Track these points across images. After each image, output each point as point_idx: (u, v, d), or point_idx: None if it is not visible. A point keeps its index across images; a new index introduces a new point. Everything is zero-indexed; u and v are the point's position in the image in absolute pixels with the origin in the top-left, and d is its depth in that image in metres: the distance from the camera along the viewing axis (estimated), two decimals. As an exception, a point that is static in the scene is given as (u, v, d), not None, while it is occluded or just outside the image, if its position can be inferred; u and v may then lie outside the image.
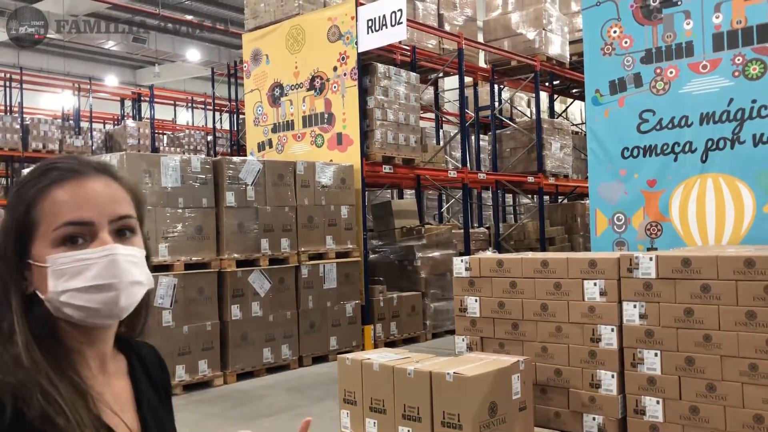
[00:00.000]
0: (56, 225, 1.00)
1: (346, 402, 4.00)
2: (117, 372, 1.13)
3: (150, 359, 1.22)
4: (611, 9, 5.73)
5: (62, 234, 1.00)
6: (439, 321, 8.98)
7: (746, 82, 5.10)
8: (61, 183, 1.03)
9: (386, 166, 8.55)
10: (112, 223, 1.04)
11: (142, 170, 6.21)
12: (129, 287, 1.03)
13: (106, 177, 1.07)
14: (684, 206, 5.38)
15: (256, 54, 9.62)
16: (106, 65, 25.67)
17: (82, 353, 1.05)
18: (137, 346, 1.20)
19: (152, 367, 1.21)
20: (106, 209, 1.03)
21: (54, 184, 1.02)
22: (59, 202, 1.01)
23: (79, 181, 1.03)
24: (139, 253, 1.07)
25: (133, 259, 1.04)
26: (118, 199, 1.06)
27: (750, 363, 3.58)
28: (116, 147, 16.80)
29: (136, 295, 1.05)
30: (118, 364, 1.14)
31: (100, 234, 1.02)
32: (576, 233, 12.10)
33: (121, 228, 1.05)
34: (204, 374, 6.46)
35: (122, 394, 1.11)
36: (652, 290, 3.89)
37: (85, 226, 1.01)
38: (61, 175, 1.03)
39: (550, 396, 4.26)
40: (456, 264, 4.69)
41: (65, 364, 1.00)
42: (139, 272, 1.05)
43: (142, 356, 1.20)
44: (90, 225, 1.02)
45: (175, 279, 6.26)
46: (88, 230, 1.02)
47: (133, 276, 1.03)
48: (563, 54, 11.37)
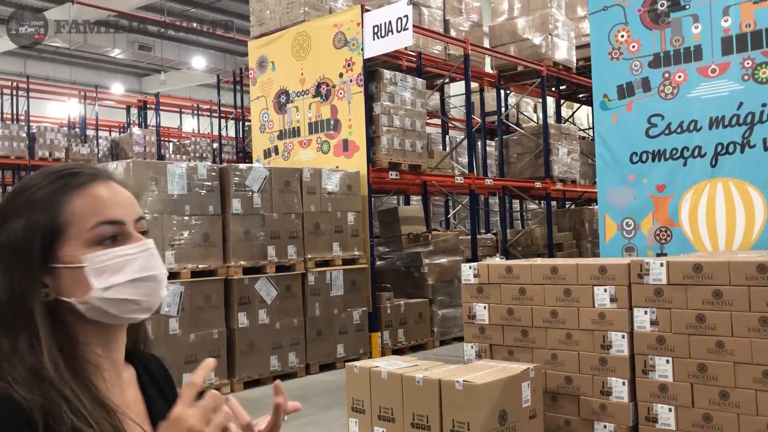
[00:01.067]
0: (91, 225, 1.02)
1: (355, 410, 3.96)
2: (129, 383, 1.13)
3: (157, 370, 1.22)
4: (618, 13, 5.70)
5: (99, 233, 1.03)
6: (446, 328, 8.93)
7: (756, 85, 5.05)
8: (85, 186, 1.05)
9: (392, 173, 8.52)
10: (136, 222, 1.08)
11: (149, 177, 6.20)
12: (164, 279, 1.09)
13: (113, 182, 1.10)
14: (694, 211, 5.33)
15: (261, 61, 9.63)
16: (112, 73, 25.77)
17: (99, 363, 1.04)
18: (143, 358, 1.20)
19: (160, 379, 1.21)
20: (132, 210, 1.08)
21: (79, 187, 1.05)
22: (89, 204, 1.03)
23: (100, 184, 1.07)
24: None
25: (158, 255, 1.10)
26: (133, 201, 1.10)
27: (764, 370, 3.52)
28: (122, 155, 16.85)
29: (166, 287, 1.11)
30: (129, 373, 1.14)
31: (132, 232, 1.06)
32: (584, 239, 12.05)
33: (141, 228, 1.09)
34: (211, 382, 6.43)
35: (135, 403, 1.11)
36: (663, 296, 3.85)
37: (119, 225, 1.05)
38: (81, 178, 1.06)
39: (561, 404, 4.21)
40: (464, 270, 4.66)
41: (83, 375, 1.00)
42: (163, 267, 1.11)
43: (149, 367, 1.20)
44: (122, 224, 1.05)
45: (182, 287, 6.24)
46: (121, 229, 1.05)
47: (164, 268, 1.10)
48: (570, 59, 11.34)
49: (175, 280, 6.20)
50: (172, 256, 6.25)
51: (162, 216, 6.23)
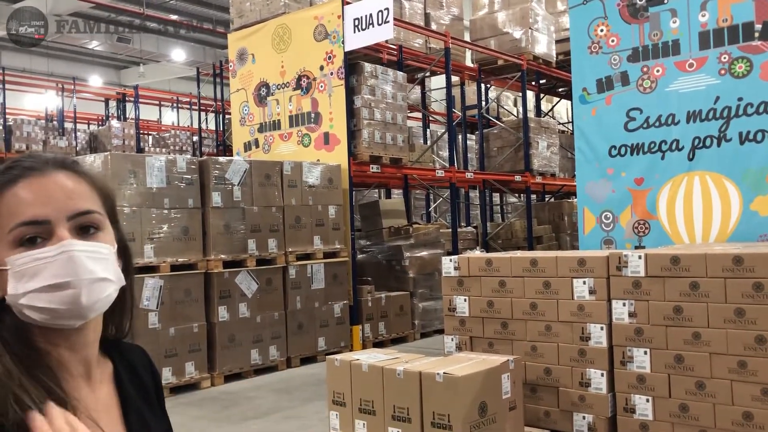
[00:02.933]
0: (11, 226, 0.97)
1: (335, 403, 3.96)
2: (103, 378, 1.09)
3: (139, 362, 1.19)
4: (598, 7, 5.73)
5: (18, 235, 0.97)
6: (427, 320, 8.96)
7: (732, 80, 5.11)
8: (17, 182, 0.99)
9: (374, 166, 8.52)
10: (71, 219, 0.99)
11: (127, 171, 6.14)
12: (90, 284, 0.98)
13: (65, 171, 1.03)
14: (671, 204, 5.39)
15: (241, 53, 9.56)
16: (90, 65, 25.46)
17: (62, 359, 1.01)
18: (126, 349, 1.17)
19: (142, 372, 1.18)
20: (64, 205, 0.99)
21: (10, 183, 0.99)
22: (13, 203, 0.98)
23: (35, 179, 1.00)
24: (105, 249, 1.01)
25: (96, 255, 0.99)
26: (78, 194, 1.02)
27: (739, 360, 3.58)
28: (101, 148, 16.66)
29: (101, 293, 0.99)
30: (104, 369, 1.10)
31: (57, 231, 0.98)
32: (563, 232, 12.13)
33: (84, 224, 1.01)
34: (191, 376, 6.40)
35: (107, 401, 1.08)
36: (641, 288, 3.89)
37: (41, 225, 0.98)
38: (17, 173, 1.00)
39: (540, 395, 4.25)
40: (445, 263, 4.67)
41: (41, 370, 0.96)
42: (102, 268, 0.99)
43: (130, 360, 1.17)
44: (46, 223, 0.98)
45: (161, 280, 6.19)
46: (44, 229, 0.98)
47: (94, 273, 0.98)
48: (549, 53, 11.39)
49: (154, 274, 6.16)
50: (152, 250, 6.20)
51: (141, 209, 6.17)
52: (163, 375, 6.14)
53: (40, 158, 1.04)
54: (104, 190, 1.08)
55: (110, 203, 1.09)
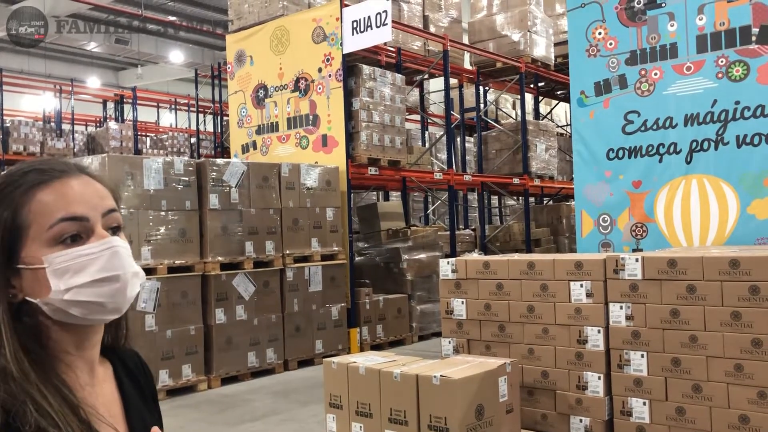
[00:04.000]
0: (51, 223, 0.99)
1: (332, 406, 3.96)
2: (105, 379, 1.11)
3: (135, 366, 1.20)
4: (596, 11, 5.74)
5: (58, 231, 0.99)
6: (425, 323, 8.96)
7: (729, 83, 5.12)
8: (49, 183, 1.01)
9: (372, 168, 8.52)
10: (104, 217, 1.04)
11: (125, 172, 6.13)
12: (132, 278, 1.03)
13: (86, 176, 1.07)
14: (669, 207, 5.39)
15: (240, 55, 9.56)
16: (88, 67, 25.43)
17: (70, 362, 1.03)
18: (121, 353, 1.18)
19: (138, 374, 1.19)
20: (98, 203, 1.04)
21: (42, 184, 1.01)
22: (50, 202, 1.00)
23: (66, 180, 1.03)
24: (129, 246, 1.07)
25: (130, 252, 1.05)
26: (104, 194, 1.06)
27: (735, 363, 3.58)
28: (98, 149, 16.64)
29: (135, 287, 1.05)
30: (105, 369, 1.12)
31: (97, 229, 1.02)
32: (561, 235, 12.13)
33: (112, 223, 1.05)
34: (188, 379, 6.39)
35: (111, 402, 1.10)
36: (639, 291, 3.89)
37: (81, 222, 1.01)
38: (46, 175, 1.02)
39: (537, 398, 4.24)
40: (442, 266, 4.67)
41: (53, 374, 0.98)
42: (135, 264, 1.06)
43: (127, 363, 1.18)
44: (85, 221, 1.01)
45: (158, 283, 6.18)
46: (83, 226, 1.01)
47: (133, 267, 1.04)
48: (548, 56, 11.40)
49: (151, 276, 6.15)
50: (149, 252, 6.19)
51: (138, 211, 6.17)
52: (160, 377, 6.13)
53: (59, 162, 1.07)
54: (116, 192, 1.12)
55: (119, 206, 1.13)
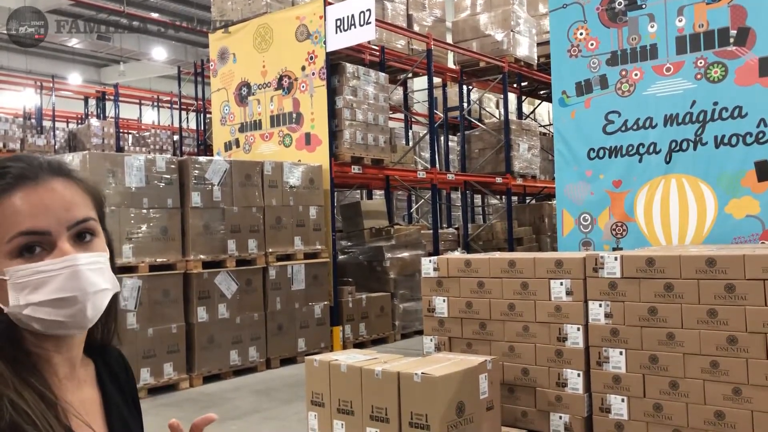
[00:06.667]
0: (10, 236, 0.95)
1: (314, 404, 3.97)
2: (86, 378, 1.10)
3: (117, 364, 1.19)
4: (578, 11, 5.78)
5: (17, 245, 0.95)
6: (408, 321, 8.98)
7: (708, 84, 5.19)
8: (12, 191, 0.97)
9: (355, 167, 8.52)
10: (70, 229, 0.99)
11: (106, 170, 6.10)
12: (94, 297, 0.99)
13: (60, 179, 1.01)
14: (649, 207, 5.45)
15: (223, 53, 9.52)
16: (70, 63, 25.18)
17: (50, 361, 1.02)
18: (104, 351, 1.17)
19: (119, 372, 1.19)
20: (63, 216, 0.98)
21: (5, 192, 0.97)
22: (11, 213, 0.96)
23: (32, 188, 0.98)
24: (102, 257, 1.02)
25: (96, 266, 1.00)
26: (75, 202, 1.01)
27: (711, 360, 3.63)
28: (80, 146, 16.50)
29: (102, 303, 1.01)
30: (87, 370, 1.11)
31: (59, 243, 0.97)
32: (543, 233, 12.21)
33: (81, 232, 1.00)
34: (169, 377, 6.36)
35: (91, 401, 1.09)
36: (617, 289, 3.94)
37: (42, 236, 0.96)
38: (11, 181, 0.97)
39: (518, 395, 4.28)
40: (424, 264, 4.69)
41: (31, 373, 0.97)
42: (103, 279, 1.00)
43: (109, 361, 1.18)
44: (47, 234, 0.96)
45: (140, 281, 6.15)
46: (45, 239, 0.97)
47: (97, 285, 0.99)
48: (531, 55, 11.46)
49: (132, 274, 6.12)
50: (130, 250, 6.16)
51: (119, 209, 6.13)
52: (141, 376, 6.10)
53: (33, 163, 1.01)
54: (96, 194, 1.07)
55: (101, 206, 1.08)
